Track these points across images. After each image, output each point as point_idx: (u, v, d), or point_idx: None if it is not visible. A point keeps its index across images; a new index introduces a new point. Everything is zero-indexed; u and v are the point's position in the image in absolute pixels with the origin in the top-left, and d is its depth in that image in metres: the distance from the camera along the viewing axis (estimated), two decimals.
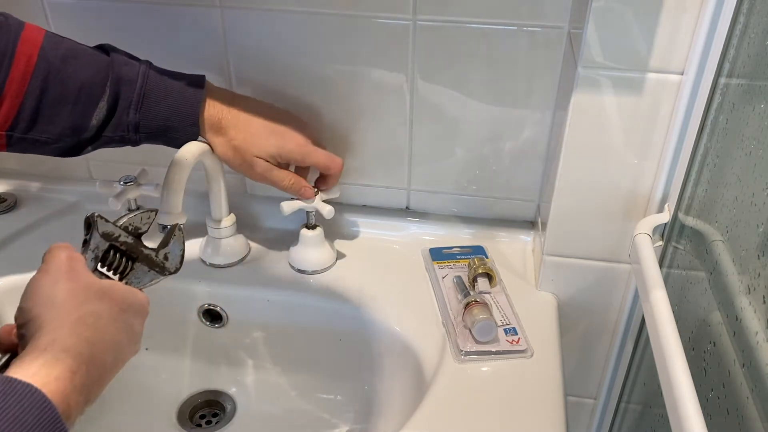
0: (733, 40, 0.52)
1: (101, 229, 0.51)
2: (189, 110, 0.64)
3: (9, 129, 0.60)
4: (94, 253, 0.51)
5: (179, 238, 0.55)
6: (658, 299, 0.54)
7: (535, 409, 0.59)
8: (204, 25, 0.72)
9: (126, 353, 0.48)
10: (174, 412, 0.75)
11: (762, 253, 0.45)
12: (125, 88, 0.62)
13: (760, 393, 0.43)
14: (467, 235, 0.79)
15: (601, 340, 0.75)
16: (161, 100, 0.64)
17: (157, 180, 0.73)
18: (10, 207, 0.85)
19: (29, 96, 0.59)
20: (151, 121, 0.64)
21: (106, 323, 0.46)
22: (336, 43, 0.70)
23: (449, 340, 0.65)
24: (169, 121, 0.64)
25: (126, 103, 0.63)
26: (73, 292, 0.46)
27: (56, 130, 0.61)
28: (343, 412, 0.73)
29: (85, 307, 0.46)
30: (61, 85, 0.60)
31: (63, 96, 0.60)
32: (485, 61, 0.68)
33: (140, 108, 0.63)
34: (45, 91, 0.59)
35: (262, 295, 0.73)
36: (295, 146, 0.68)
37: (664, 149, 0.60)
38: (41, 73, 0.59)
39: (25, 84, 0.58)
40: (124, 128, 0.63)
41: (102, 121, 0.62)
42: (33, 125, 0.60)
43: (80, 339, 0.44)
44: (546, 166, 0.74)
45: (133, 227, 0.53)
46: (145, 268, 0.53)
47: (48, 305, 0.45)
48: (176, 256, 0.55)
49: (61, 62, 0.60)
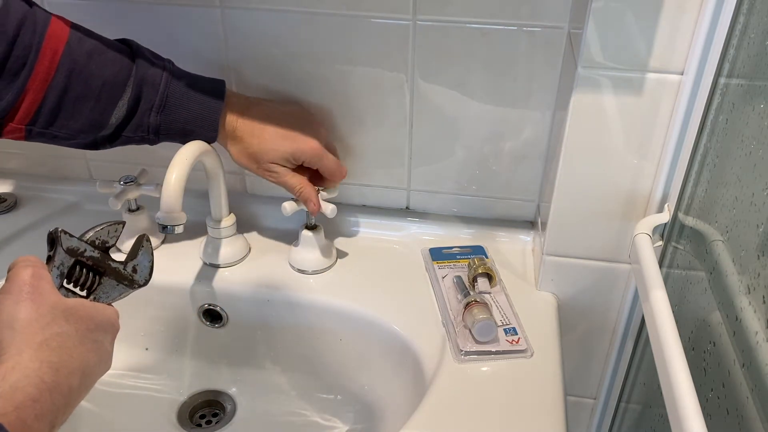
0: (733, 40, 0.52)
1: (65, 244, 0.49)
2: (209, 117, 0.65)
3: (29, 123, 0.60)
4: (59, 270, 0.48)
5: (147, 249, 0.54)
6: (658, 299, 0.54)
7: (535, 409, 0.59)
8: (204, 25, 0.72)
9: (95, 373, 0.46)
10: (174, 412, 0.75)
11: (762, 253, 0.45)
12: (148, 90, 0.63)
13: (760, 393, 0.43)
14: (467, 235, 0.79)
15: (601, 340, 0.75)
16: (183, 106, 0.64)
17: (157, 180, 0.73)
18: (10, 207, 0.85)
19: (51, 92, 0.59)
20: (172, 125, 0.64)
21: (73, 345, 0.44)
22: (336, 44, 0.70)
23: (449, 340, 0.65)
24: (188, 125, 0.65)
25: (148, 105, 0.63)
26: (36, 314, 0.43)
27: (75, 126, 0.61)
28: (343, 412, 0.73)
29: (50, 329, 0.43)
30: (84, 82, 0.60)
31: (85, 93, 0.60)
32: (485, 61, 0.68)
33: (162, 111, 0.63)
34: (68, 88, 0.59)
35: (262, 295, 0.73)
36: (308, 149, 0.68)
37: (663, 149, 0.60)
38: (65, 69, 0.59)
39: (49, 80, 0.58)
40: (145, 129, 0.64)
41: (121, 121, 0.63)
42: (53, 121, 0.60)
43: (43, 364, 0.41)
44: (546, 166, 0.74)
45: (99, 241, 0.51)
46: (114, 282, 0.52)
47: (8, 329, 0.42)
48: (145, 268, 0.53)
49: (85, 59, 0.60)
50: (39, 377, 0.40)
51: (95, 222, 0.53)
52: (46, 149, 0.86)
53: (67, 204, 0.86)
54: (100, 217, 0.81)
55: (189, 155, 0.64)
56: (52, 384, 0.41)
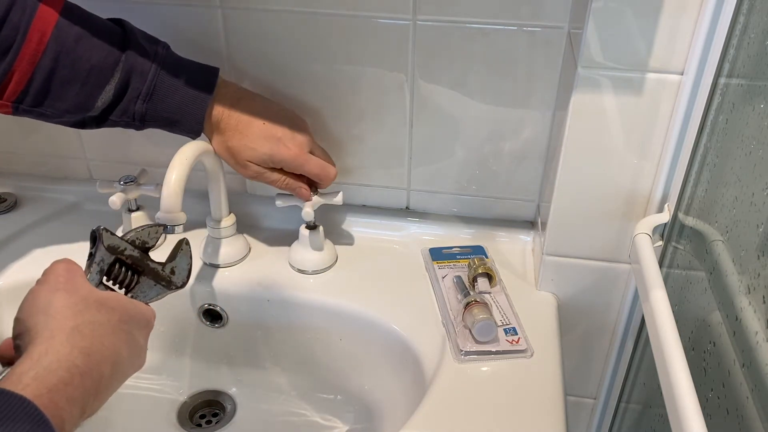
0: (733, 40, 0.52)
1: (106, 242, 0.50)
2: (195, 110, 0.65)
3: (15, 101, 0.60)
4: (99, 266, 0.50)
5: (186, 252, 0.55)
6: (658, 299, 0.54)
7: (535, 409, 0.59)
8: (204, 25, 0.72)
9: (128, 366, 0.47)
10: (174, 412, 0.75)
11: (762, 253, 0.45)
12: (136, 78, 0.63)
13: (760, 393, 0.43)
14: (467, 235, 0.79)
15: (601, 340, 0.75)
16: (170, 96, 0.64)
17: (157, 180, 0.73)
18: (10, 207, 0.85)
19: (38, 73, 0.59)
20: (157, 113, 0.64)
21: (105, 333, 0.45)
22: (336, 43, 0.70)
23: (449, 340, 0.65)
24: (174, 115, 0.65)
25: (135, 93, 0.63)
26: (69, 302, 0.45)
27: (62, 107, 0.62)
28: (343, 412, 0.73)
29: (82, 316, 0.44)
30: (71, 66, 0.60)
31: (71, 77, 0.60)
32: (485, 61, 0.68)
33: (148, 100, 0.64)
34: (54, 70, 0.60)
35: (262, 295, 0.73)
36: (287, 156, 0.67)
37: (663, 149, 0.60)
38: (52, 51, 0.59)
39: (35, 61, 0.59)
40: (130, 116, 0.64)
41: (108, 105, 0.63)
42: (41, 101, 0.61)
43: (75, 349, 0.42)
44: (546, 166, 0.74)
45: (140, 241, 0.53)
46: (151, 282, 0.53)
47: (43, 315, 0.44)
48: (183, 270, 0.55)
49: (74, 42, 0.60)
50: (71, 361, 0.42)
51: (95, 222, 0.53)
52: (46, 149, 0.87)
53: (67, 204, 0.86)
54: (101, 217, 0.82)
55: (189, 155, 0.64)
56: (83, 368, 0.42)
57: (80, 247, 0.77)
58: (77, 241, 0.79)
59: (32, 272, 0.74)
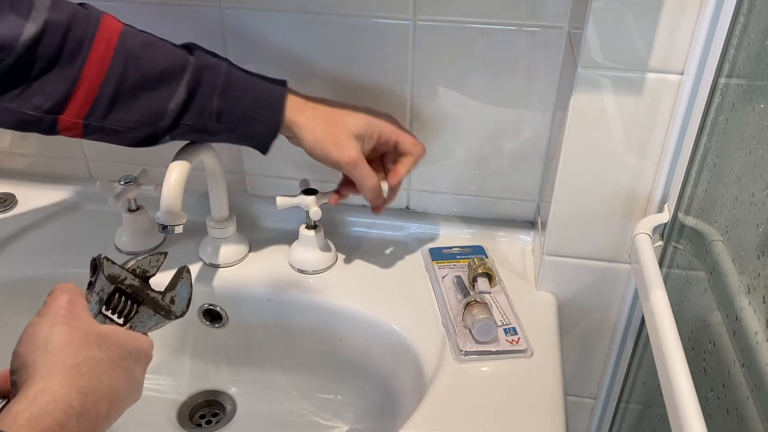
0: (733, 40, 0.52)
1: (107, 271, 0.50)
2: (273, 102, 0.62)
3: (86, 116, 0.58)
4: (98, 296, 0.49)
5: (187, 281, 0.54)
6: (658, 299, 0.54)
7: (535, 409, 0.59)
8: (204, 25, 0.72)
9: (125, 401, 0.47)
10: (174, 411, 0.75)
11: (762, 253, 0.45)
12: (209, 74, 0.61)
13: (760, 393, 0.43)
14: (467, 235, 0.79)
15: (601, 340, 0.75)
16: (245, 91, 0.62)
17: (157, 180, 0.73)
18: (10, 207, 0.85)
19: (108, 80, 0.58)
20: (234, 110, 0.62)
21: (103, 371, 0.44)
22: (336, 44, 0.70)
23: (449, 340, 0.65)
24: (252, 111, 0.62)
25: (209, 89, 0.61)
26: (69, 338, 0.44)
27: (133, 117, 0.60)
28: (343, 412, 0.73)
29: (82, 353, 0.44)
30: (141, 70, 0.59)
31: (142, 81, 0.59)
32: (485, 61, 0.68)
33: (224, 95, 0.61)
34: (125, 75, 0.58)
35: (262, 295, 0.73)
36: (386, 122, 0.66)
37: (663, 149, 0.60)
38: (121, 57, 0.58)
39: (105, 68, 0.57)
40: (207, 116, 0.61)
41: (181, 106, 0.60)
42: (110, 112, 0.59)
43: (72, 389, 0.41)
44: (546, 166, 0.74)
45: (140, 270, 0.52)
46: (151, 312, 0.52)
47: (42, 351, 0.42)
48: (183, 300, 0.54)
49: (141, 48, 0.59)
50: (67, 402, 0.41)
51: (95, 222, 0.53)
52: (46, 149, 0.87)
53: (67, 204, 0.86)
54: (100, 217, 0.82)
55: (189, 156, 0.64)
56: (80, 409, 0.41)
57: (80, 248, 0.78)
58: (77, 241, 0.79)
59: (32, 272, 0.75)
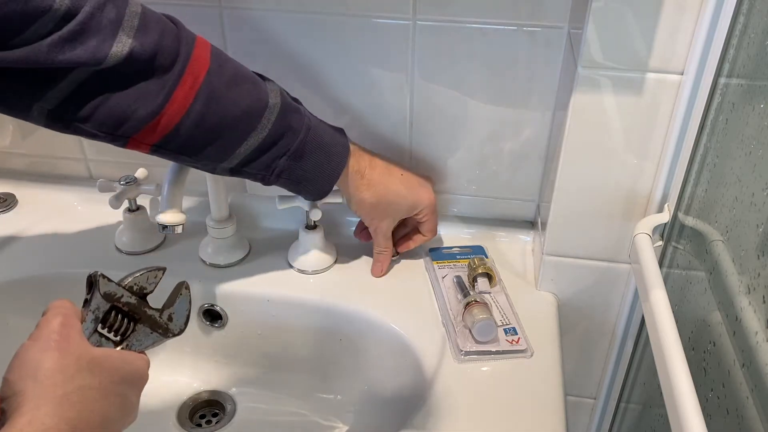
0: (732, 40, 0.52)
1: (103, 289, 0.49)
2: (331, 170, 0.64)
3: (156, 144, 0.57)
4: (94, 314, 0.48)
5: (186, 297, 0.53)
6: (658, 299, 0.54)
7: (535, 409, 0.59)
8: (204, 25, 0.72)
9: (118, 427, 0.46)
10: (174, 412, 0.75)
11: (762, 253, 0.45)
12: (287, 136, 0.61)
13: (760, 393, 0.43)
14: (467, 235, 0.79)
15: (601, 340, 0.75)
16: (313, 156, 0.63)
17: (157, 180, 0.73)
18: (10, 207, 0.85)
19: (187, 118, 0.56)
20: (295, 172, 0.63)
21: (95, 400, 0.43)
22: (336, 44, 0.70)
23: (449, 340, 0.65)
24: (311, 175, 0.64)
25: (283, 150, 0.61)
26: (60, 365, 0.42)
27: (200, 154, 0.59)
28: (343, 412, 0.73)
29: (72, 382, 0.42)
30: (220, 113, 0.57)
31: (219, 124, 0.57)
32: (485, 61, 0.68)
33: (294, 159, 0.62)
34: (203, 116, 0.56)
35: (262, 295, 0.73)
36: (427, 201, 0.71)
37: (663, 149, 0.60)
38: (204, 96, 0.56)
39: (187, 104, 0.55)
40: (270, 171, 0.62)
41: (249, 157, 0.60)
42: (181, 146, 0.58)
43: (61, 420, 0.40)
44: (546, 166, 0.74)
45: (138, 287, 0.51)
46: (148, 330, 0.51)
47: (31, 379, 0.41)
48: (181, 317, 0.53)
49: (225, 87, 0.57)
50: None
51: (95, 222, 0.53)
52: (46, 149, 0.87)
53: (67, 204, 0.86)
54: (100, 217, 0.82)
55: None
56: None
57: (79, 248, 0.78)
58: (77, 241, 0.79)
59: (32, 272, 0.75)
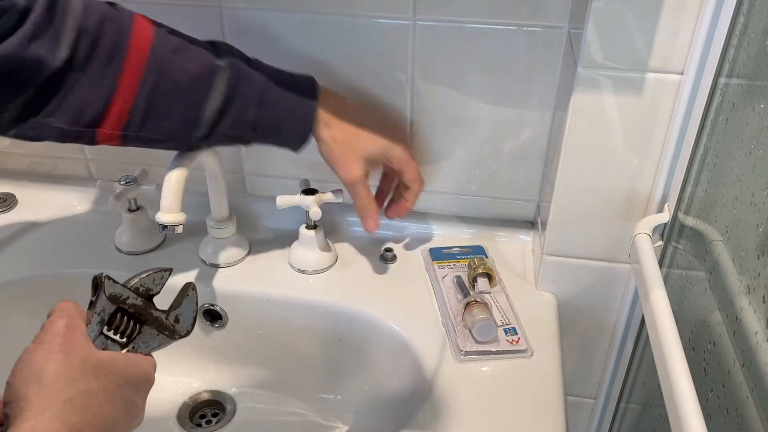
0: (733, 40, 0.52)
1: (108, 290, 0.48)
2: (305, 111, 0.64)
3: (123, 128, 0.59)
4: (99, 316, 0.48)
5: (192, 298, 0.52)
6: (658, 299, 0.54)
7: (535, 409, 0.59)
8: (204, 25, 0.72)
9: (124, 430, 0.45)
10: (174, 411, 0.75)
11: (762, 253, 0.45)
12: (244, 84, 0.61)
13: (760, 393, 0.43)
14: (467, 235, 0.79)
15: (601, 340, 0.75)
16: (279, 101, 0.63)
17: (157, 180, 0.73)
18: (10, 207, 0.85)
19: (142, 91, 0.58)
20: (268, 119, 0.63)
21: (99, 404, 0.43)
22: (336, 44, 0.70)
23: (449, 340, 0.65)
24: (284, 123, 0.64)
25: (245, 100, 0.62)
26: (65, 368, 0.42)
27: (168, 126, 0.60)
28: (343, 412, 0.73)
29: (76, 386, 0.42)
30: (172, 79, 0.59)
31: (174, 90, 0.59)
32: (485, 61, 0.68)
33: (259, 107, 0.62)
34: (157, 85, 0.58)
35: (262, 295, 0.73)
36: (399, 152, 0.68)
37: (663, 149, 0.60)
38: (153, 66, 0.58)
39: (139, 79, 0.57)
40: (243, 126, 0.63)
41: (216, 116, 0.61)
42: (146, 121, 0.59)
43: (65, 425, 0.40)
44: (546, 166, 0.74)
45: (144, 288, 0.51)
46: (154, 332, 0.51)
47: (35, 383, 0.41)
48: (188, 318, 0.52)
49: (171, 54, 0.59)
50: None
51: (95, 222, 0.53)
52: (46, 149, 0.86)
53: (66, 204, 0.86)
54: (100, 217, 0.82)
55: (189, 155, 0.64)
56: None
57: (80, 248, 0.78)
58: (77, 241, 0.79)
59: (32, 272, 0.75)
